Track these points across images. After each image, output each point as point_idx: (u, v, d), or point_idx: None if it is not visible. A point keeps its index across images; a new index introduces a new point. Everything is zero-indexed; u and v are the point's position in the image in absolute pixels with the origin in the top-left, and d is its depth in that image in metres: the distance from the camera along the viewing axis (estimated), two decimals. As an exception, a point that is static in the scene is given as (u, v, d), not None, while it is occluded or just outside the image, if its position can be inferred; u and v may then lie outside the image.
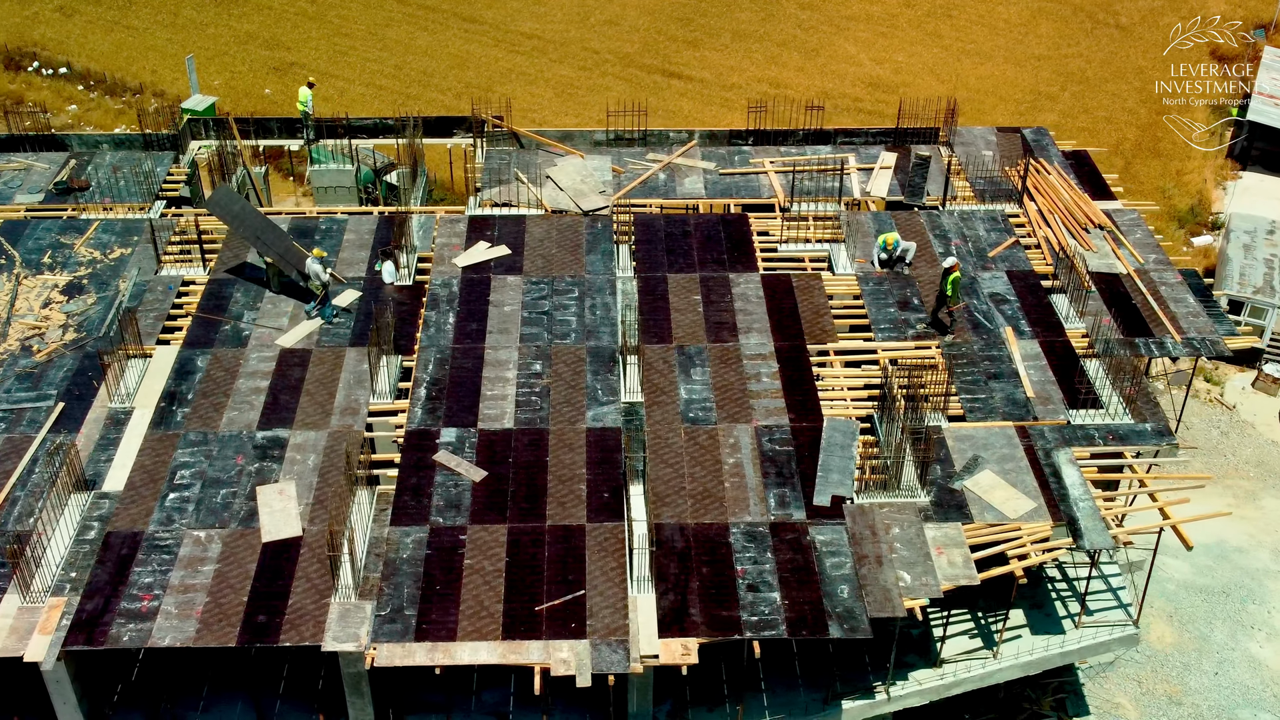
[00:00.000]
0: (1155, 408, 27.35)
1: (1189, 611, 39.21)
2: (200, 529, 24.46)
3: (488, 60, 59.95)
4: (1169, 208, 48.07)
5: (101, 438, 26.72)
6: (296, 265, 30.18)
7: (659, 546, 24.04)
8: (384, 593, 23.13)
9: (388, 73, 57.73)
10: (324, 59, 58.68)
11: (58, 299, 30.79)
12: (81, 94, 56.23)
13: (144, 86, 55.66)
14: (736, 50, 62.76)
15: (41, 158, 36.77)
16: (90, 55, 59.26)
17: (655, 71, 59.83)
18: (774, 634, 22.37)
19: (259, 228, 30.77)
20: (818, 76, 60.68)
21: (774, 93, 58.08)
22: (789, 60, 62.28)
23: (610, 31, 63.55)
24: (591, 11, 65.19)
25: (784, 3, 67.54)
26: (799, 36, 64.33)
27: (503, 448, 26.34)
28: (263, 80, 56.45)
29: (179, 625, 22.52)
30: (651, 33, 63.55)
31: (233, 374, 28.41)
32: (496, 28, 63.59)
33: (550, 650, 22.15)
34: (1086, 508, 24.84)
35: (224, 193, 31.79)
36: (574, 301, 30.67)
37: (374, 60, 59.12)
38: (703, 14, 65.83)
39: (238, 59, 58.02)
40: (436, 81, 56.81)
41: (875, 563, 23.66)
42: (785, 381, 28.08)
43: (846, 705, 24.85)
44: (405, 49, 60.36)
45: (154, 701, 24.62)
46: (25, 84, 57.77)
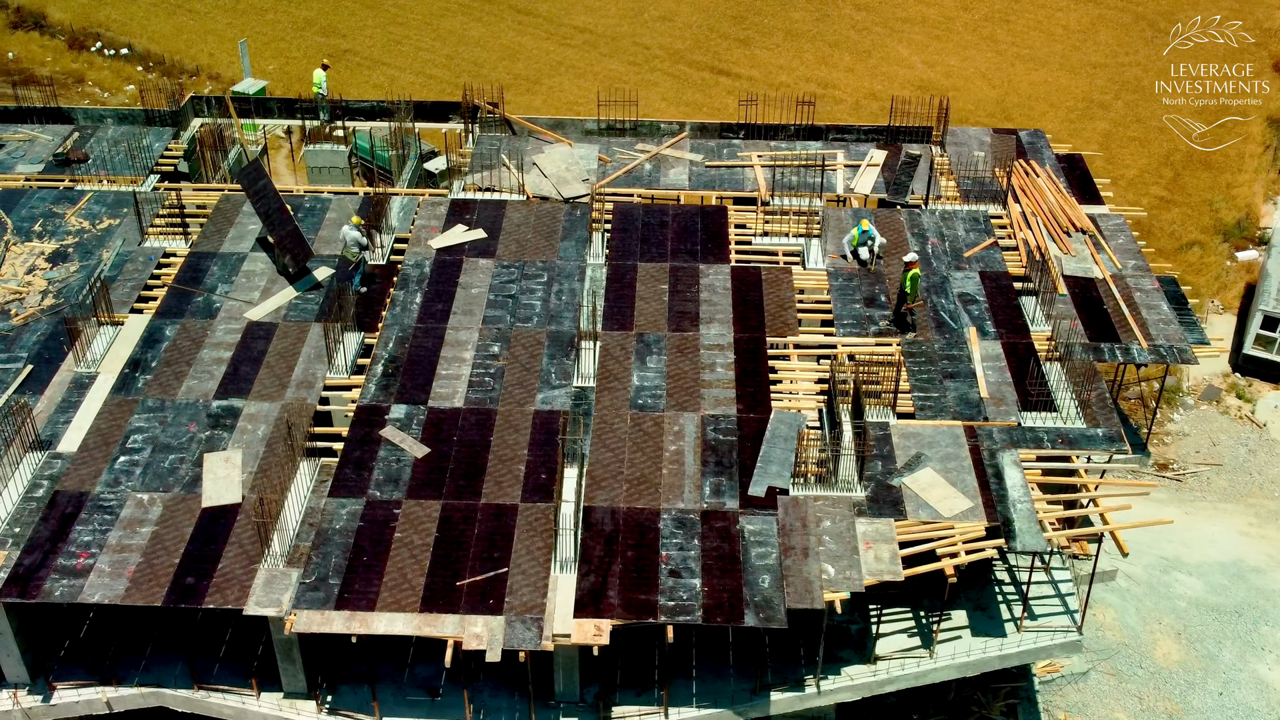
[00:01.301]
0: (1110, 413, 27.01)
1: (1198, 630, 38.67)
2: (144, 492, 25.03)
3: (539, 52, 60.42)
4: (1215, 221, 47.30)
5: (64, 400, 27.40)
6: (292, 251, 30.48)
7: (588, 529, 24.20)
8: (311, 561, 23.52)
9: (439, 62, 58.36)
10: (378, 47, 59.48)
11: (42, 266, 31.60)
12: (140, 74, 57.50)
13: (200, 69, 56.84)
14: (788, 49, 62.68)
15: (47, 130, 37.70)
16: (151, 37, 60.66)
17: (704, 68, 59.95)
18: (688, 619, 22.44)
19: (273, 209, 31.16)
20: (867, 78, 60.46)
21: (822, 93, 57.93)
22: (839, 61, 62.09)
23: (662, 27, 63.78)
24: (646, 7, 65.46)
25: (839, 3, 67.35)
26: (851, 37, 64.12)
27: (449, 426, 26.64)
28: (316, 66, 57.44)
29: (110, 583, 23.08)
30: (703, 29, 63.67)
31: (198, 344, 28.99)
32: (550, 20, 64.08)
33: (465, 624, 22.40)
34: (1024, 510, 24.62)
35: (253, 168, 32.31)
36: (541, 286, 30.91)
37: (426, 50, 59.81)
38: (757, 12, 65.83)
39: (293, 45, 59.00)
40: (486, 72, 57.31)
41: (801, 555, 23.63)
42: (739, 373, 28.10)
43: (775, 697, 24.82)
44: (458, 39, 61.02)
45: (98, 659, 25.21)
46: (87, 64, 59.27)
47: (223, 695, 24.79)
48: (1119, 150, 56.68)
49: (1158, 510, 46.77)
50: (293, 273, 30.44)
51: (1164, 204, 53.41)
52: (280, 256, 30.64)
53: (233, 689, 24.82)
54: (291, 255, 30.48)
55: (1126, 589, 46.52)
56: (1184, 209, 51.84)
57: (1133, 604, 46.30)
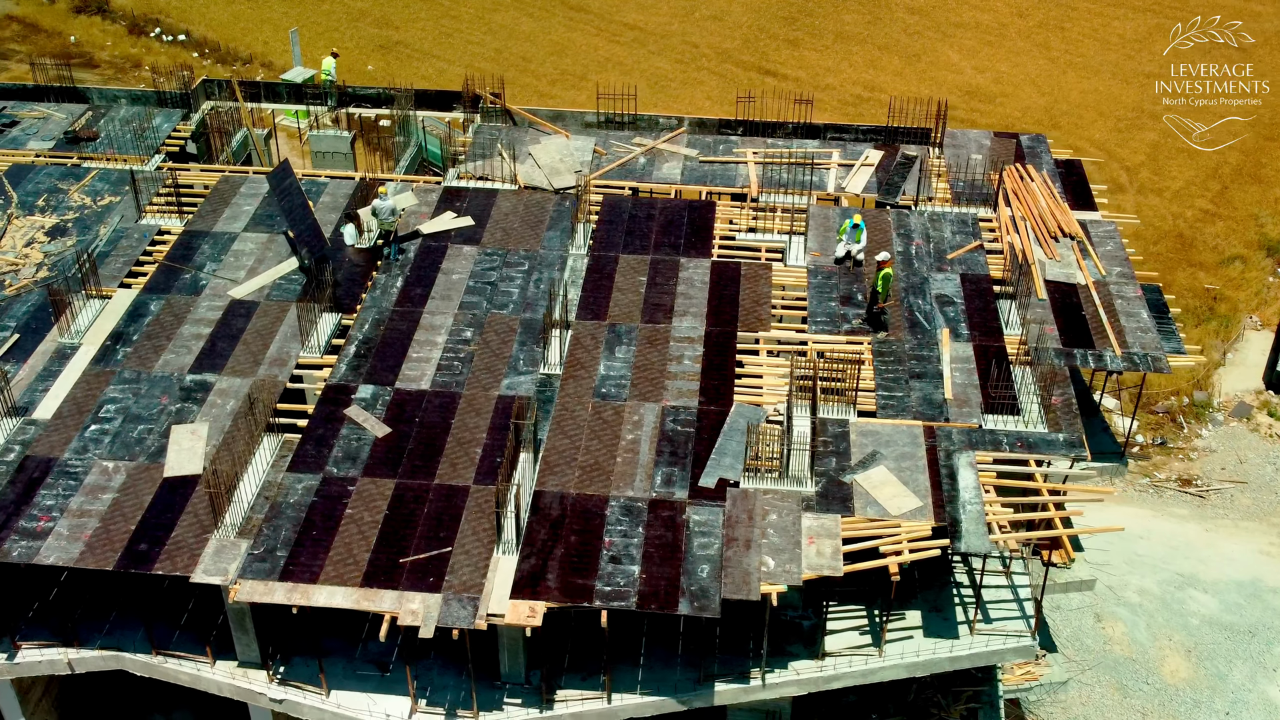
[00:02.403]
0: (1073, 419, 26.83)
1: (1209, 648, 38.26)
2: (110, 460, 25.68)
3: (587, 49, 60.90)
4: (1260, 236, 46.69)
5: (45, 369, 28.17)
6: (309, 244, 30.82)
7: (536, 513, 24.48)
8: (262, 533, 24.03)
9: (488, 56, 59.03)
10: (429, 39, 60.26)
11: (41, 239, 32.47)
12: (195, 60, 58.83)
13: (254, 57, 58.04)
14: (837, 52, 62.66)
15: (63, 108, 38.68)
16: (209, 24, 62.05)
17: (751, 68, 60.11)
18: (623, 605, 22.65)
19: (296, 205, 31.63)
20: (915, 82, 60.30)
21: (867, 96, 57.86)
22: (888, 64, 61.97)
23: (713, 27, 64.02)
24: (698, 6, 65.73)
25: (893, 7, 67.18)
26: (902, 41, 63.94)
27: (413, 407, 27.05)
28: (367, 57, 58.29)
29: (66, 546, 23.73)
30: (754, 30, 63.80)
31: (180, 319, 29.65)
32: (601, 17, 64.56)
33: (403, 600, 22.78)
34: (973, 512, 24.55)
35: (283, 167, 32.94)
36: (521, 274, 31.24)
37: (476, 43, 60.52)
38: (808, 14, 65.85)
39: (346, 35, 60.00)
40: (534, 67, 57.84)
41: (743, 547, 23.75)
42: (705, 366, 28.25)
43: (719, 688, 24.93)
44: (509, 34, 61.65)
45: (63, 622, 25.90)
46: (145, 49, 60.74)
47: (179, 661, 25.37)
48: (1167, 161, 55.97)
49: (1178, 525, 46.28)
50: (309, 265, 30.64)
51: (1208, 217, 52.75)
52: (298, 249, 30.90)
53: (189, 656, 25.40)
54: (309, 248, 30.77)
55: (1139, 604, 46.04)
56: (1229, 223, 51.10)
57: (1144, 619, 45.78)
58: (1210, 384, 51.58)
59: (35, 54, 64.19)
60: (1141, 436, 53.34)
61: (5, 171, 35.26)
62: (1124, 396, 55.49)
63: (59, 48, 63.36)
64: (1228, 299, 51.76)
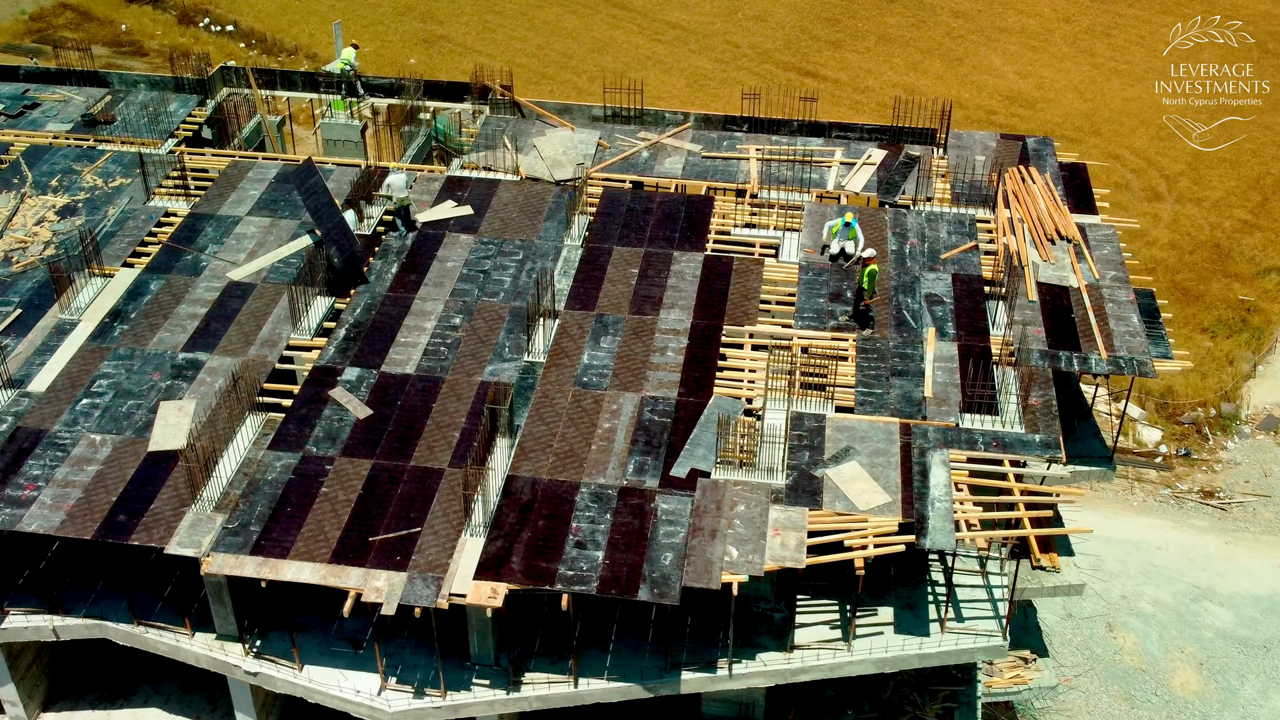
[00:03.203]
0: (1051, 420, 26.78)
1: (1221, 661, 38.02)
2: (99, 433, 26.31)
3: (629, 46, 61.31)
4: None
5: (43, 344, 28.89)
6: (337, 243, 30.98)
7: (507, 497, 24.82)
8: (238, 508, 24.54)
9: (529, 52, 59.55)
10: (472, 34, 60.87)
11: (51, 218, 33.24)
12: (242, 51, 59.83)
13: (299, 48, 58.91)
14: (878, 54, 62.64)
15: (83, 91, 39.53)
16: (257, 15, 63.08)
17: (791, 69, 60.22)
18: (584, 589, 22.93)
19: (322, 204, 31.98)
20: (955, 85, 60.17)
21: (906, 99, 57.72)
22: (929, 67, 61.88)
23: (755, 27, 64.21)
24: (741, 6, 65.92)
25: (938, 10, 67.03)
26: (945, 44, 63.82)
27: (396, 391, 27.48)
28: (410, 50, 59.03)
29: (48, 515, 24.37)
30: (796, 30, 63.91)
31: (178, 299, 30.28)
32: (644, 15, 64.95)
33: (368, 578, 23.19)
34: (941, 509, 24.59)
35: (307, 166, 33.19)
36: (515, 264, 31.60)
37: (519, 39, 61.07)
38: (852, 15, 65.86)
39: (391, 29, 60.75)
40: (574, 64, 58.28)
41: (709, 536, 23.94)
42: (689, 357, 28.46)
43: (686, 676, 25.14)
44: (551, 30, 62.14)
45: (50, 590, 26.56)
46: (193, 38, 61.88)
47: (159, 632, 25.96)
48: (1207, 171, 55.42)
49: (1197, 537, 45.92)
50: (338, 265, 30.76)
51: (1247, 228, 52.22)
52: (326, 249, 31.01)
53: (169, 627, 25.98)
54: (336, 247, 30.85)
55: (1152, 615, 45.73)
56: (1267, 234, 50.58)
57: (1156, 630, 45.48)
58: (1239, 396, 51.00)
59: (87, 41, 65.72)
60: (1165, 447, 52.92)
61: (23, 152, 36.13)
62: (1149, 406, 55.05)
63: (110, 36, 64.72)
64: (1262, 311, 51.16)
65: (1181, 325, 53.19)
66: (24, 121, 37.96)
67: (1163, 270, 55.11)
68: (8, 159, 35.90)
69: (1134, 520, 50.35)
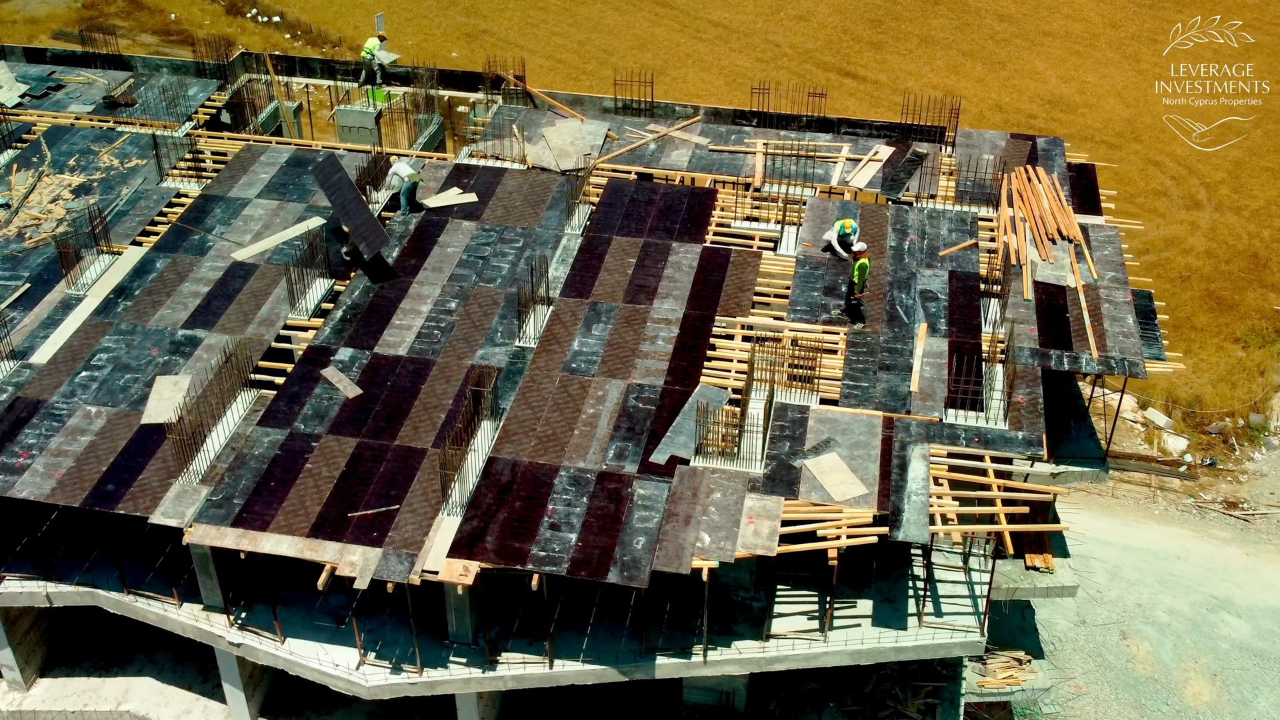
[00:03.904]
0: (1036, 419, 26.72)
1: (1236, 673, 37.78)
2: (94, 405, 26.92)
3: (669, 44, 61.60)
4: None
5: (48, 318, 29.57)
6: (367, 239, 31.09)
7: (486, 478, 25.14)
8: (223, 481, 25.03)
9: (570, 48, 59.99)
10: (514, 29, 61.39)
11: (66, 197, 33.98)
12: (287, 42, 60.73)
13: (342, 40, 59.70)
14: (920, 56, 62.53)
15: (108, 74, 40.33)
16: (303, 7, 64.03)
17: (831, 69, 60.26)
18: (554, 570, 23.19)
19: (348, 200, 32.09)
20: (996, 89, 59.97)
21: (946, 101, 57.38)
22: (971, 70, 61.69)
23: (797, 26, 64.30)
24: (784, 5, 66.04)
25: (982, 13, 66.81)
26: (988, 48, 63.61)
27: (387, 372, 27.89)
28: (452, 44, 59.72)
29: (39, 482, 24.98)
30: (838, 31, 63.93)
31: (182, 277, 30.87)
32: (686, 13, 65.23)
33: (344, 552, 23.59)
34: (917, 502, 24.64)
35: (329, 162, 33.18)
36: (515, 250, 31.93)
37: (560, 35, 61.54)
38: (895, 17, 65.78)
39: (434, 22, 61.44)
40: (615, 60, 58.60)
41: (683, 522, 24.13)
42: (678, 346, 28.65)
43: (660, 661, 25.35)
44: (593, 26, 62.58)
45: (47, 558, 27.19)
46: (240, 29, 62.92)
47: (148, 601, 26.52)
48: (1249, 180, 54.88)
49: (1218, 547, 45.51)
50: (367, 259, 30.88)
51: (1286, 238, 51.81)
52: (355, 244, 31.01)
53: (158, 597, 26.54)
54: (366, 243, 30.85)
55: (1167, 624, 45.41)
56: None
57: (1171, 639, 45.16)
58: (1268, 407, 50.48)
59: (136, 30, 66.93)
60: (1190, 456, 52.42)
61: (44, 132, 36.94)
62: (1176, 415, 54.58)
63: (159, 24, 65.91)
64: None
65: (1213, 334, 52.64)
66: (48, 102, 38.81)
67: (1197, 279, 54.58)
68: (30, 138, 36.71)
69: (1154, 529, 49.93)
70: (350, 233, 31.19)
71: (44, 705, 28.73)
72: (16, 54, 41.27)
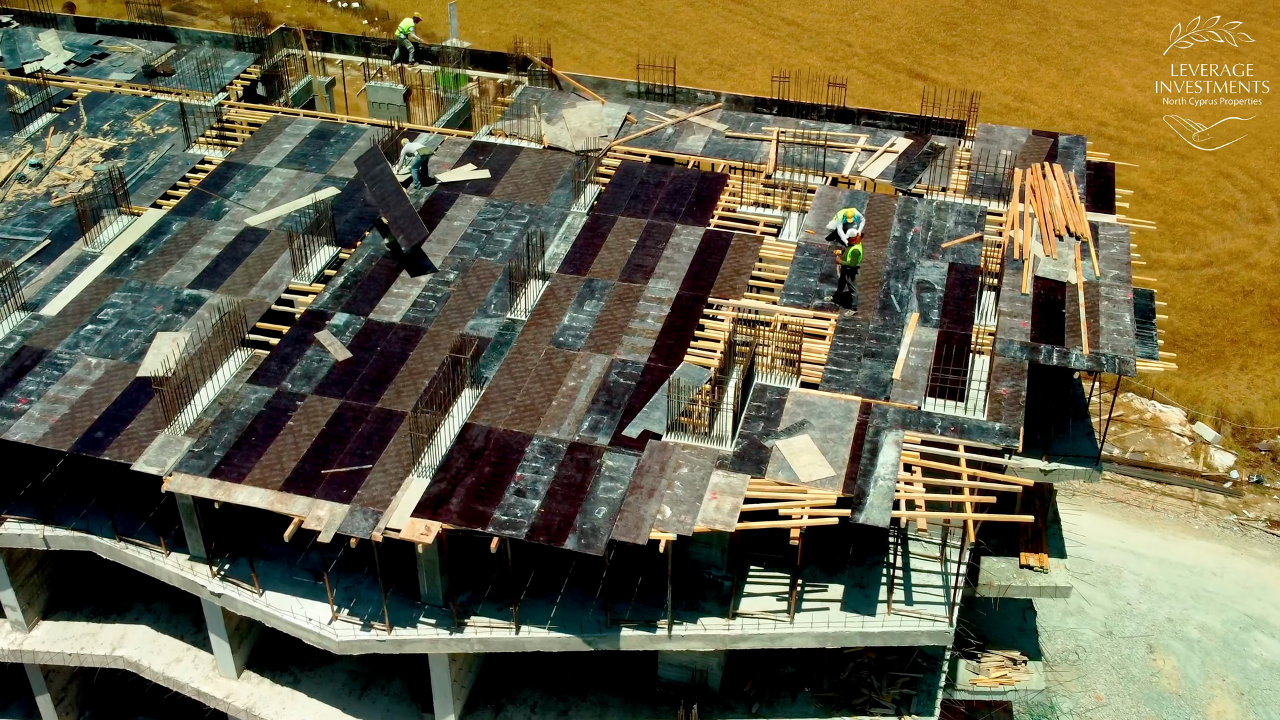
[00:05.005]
0: (1015, 411, 26.55)
1: (1264, 694, 37.30)
2: (95, 357, 27.87)
3: (740, 40, 61.82)
4: None
5: (63, 273, 30.64)
6: (405, 231, 31.18)
7: (460, 443, 25.61)
8: (208, 434, 25.79)
9: (641, 41, 60.46)
10: (587, 21, 62.05)
11: (96, 160, 35.13)
12: (364, 27, 62.04)
13: None
14: (993, 60, 62.10)
15: (151, 45, 41.55)
16: None
17: (901, 70, 60.05)
18: (513, 534, 23.59)
19: (388, 191, 32.46)
20: (1068, 95, 59.33)
21: (1016, 106, 56.92)
22: (1044, 76, 61.11)
23: (870, 27, 64.18)
24: (860, 6, 65.95)
25: (1061, 19, 66.14)
26: (1064, 54, 62.95)
27: (379, 337, 28.50)
28: (525, 34, 60.39)
29: (33, 426, 25.95)
30: (911, 33, 63.67)
31: (195, 240, 31.79)
32: (760, 10, 65.39)
33: (313, 507, 24.21)
34: (883, 487, 24.64)
35: (373, 154, 33.75)
36: (519, 226, 32.40)
37: (632, 28, 62.08)
38: (971, 20, 65.38)
39: (509, 12, 62.30)
40: (684, 55, 58.92)
41: (646, 495, 24.39)
42: (667, 325, 28.90)
43: (625, 633, 25.64)
44: (666, 21, 63.02)
45: (48, 503, 28.18)
46: (319, 13, 64.36)
47: (138, 549, 27.41)
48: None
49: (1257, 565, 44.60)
50: (405, 251, 30.96)
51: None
52: (394, 235, 31.22)
53: (148, 545, 27.41)
54: (405, 235, 31.01)
55: (1197, 640, 44.73)
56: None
57: (1199, 656, 44.49)
58: None
59: (219, 11, 68.69)
60: (1237, 472, 51.49)
61: (84, 98, 38.19)
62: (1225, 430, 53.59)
63: (243, 5, 67.55)
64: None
65: (1272, 350, 51.62)
66: (91, 70, 40.10)
67: (1260, 294, 53.54)
68: (70, 103, 37.98)
69: (1192, 543, 49.12)
70: (390, 224, 31.55)
71: (43, 647, 29.78)
72: (68, 23, 42.69)
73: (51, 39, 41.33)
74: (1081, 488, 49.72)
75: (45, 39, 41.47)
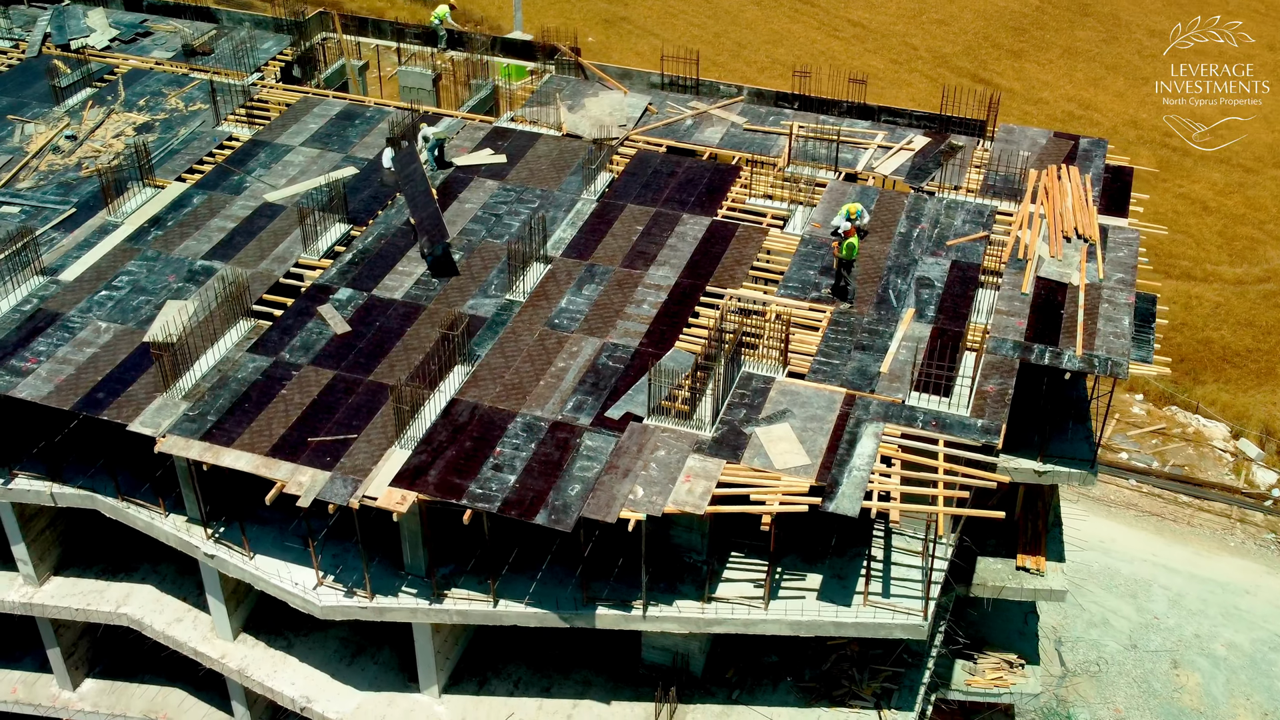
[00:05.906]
0: (999, 409, 26.51)
1: None
2: (106, 321, 28.82)
3: (805, 40, 61.91)
4: None
5: (85, 240, 31.69)
6: (429, 232, 31.36)
7: (445, 417, 26.16)
8: (204, 399, 26.59)
9: (706, 39, 60.78)
10: (653, 18, 62.53)
11: (129, 134, 36.22)
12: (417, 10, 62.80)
13: (484, 19, 61.58)
14: (1059, 66, 61.59)
15: (194, 25, 42.69)
16: None
17: (965, 75, 59.77)
18: (486, 508, 24.07)
19: (418, 191, 32.66)
20: (1133, 104, 58.70)
21: (1080, 114, 56.30)
22: (1110, 84, 60.53)
23: (937, 30, 63.94)
24: (927, 9, 65.68)
25: (1132, 28, 65.44)
26: (1133, 63, 62.30)
27: (379, 313, 29.14)
28: (590, 28, 60.97)
29: (39, 385, 26.93)
30: (978, 37, 63.34)
31: (214, 213, 32.69)
32: (826, 11, 65.44)
33: (295, 473, 24.88)
34: (857, 477, 24.76)
35: (408, 153, 33.78)
36: (528, 210, 32.89)
37: (698, 25, 62.45)
38: (1040, 25, 64.89)
39: (575, 6, 62.95)
40: (747, 54, 59.22)
41: (621, 475, 24.74)
42: (662, 311, 29.22)
43: (600, 611, 26.03)
44: (731, 19, 63.27)
45: (57, 462, 29.18)
46: (389, 3, 65.31)
47: (139, 509, 28.31)
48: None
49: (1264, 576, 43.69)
50: (427, 253, 31.17)
51: None
52: (419, 236, 31.52)
53: (147, 505, 28.31)
54: (429, 236, 31.23)
55: (1223, 658, 44.21)
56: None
57: (1224, 674, 43.98)
58: None
59: (292, 1, 70.09)
60: (1278, 490, 50.70)
61: (124, 74, 39.36)
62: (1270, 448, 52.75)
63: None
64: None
65: (1318, 369, 50.72)
66: (134, 47, 41.29)
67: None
68: (110, 79, 39.15)
69: (1226, 560, 48.47)
70: (416, 224, 31.84)
71: (52, 601, 30.82)
72: (116, 2, 43.93)
73: (99, 17, 42.62)
74: (1118, 499, 49.28)
75: (93, 17, 42.77)
